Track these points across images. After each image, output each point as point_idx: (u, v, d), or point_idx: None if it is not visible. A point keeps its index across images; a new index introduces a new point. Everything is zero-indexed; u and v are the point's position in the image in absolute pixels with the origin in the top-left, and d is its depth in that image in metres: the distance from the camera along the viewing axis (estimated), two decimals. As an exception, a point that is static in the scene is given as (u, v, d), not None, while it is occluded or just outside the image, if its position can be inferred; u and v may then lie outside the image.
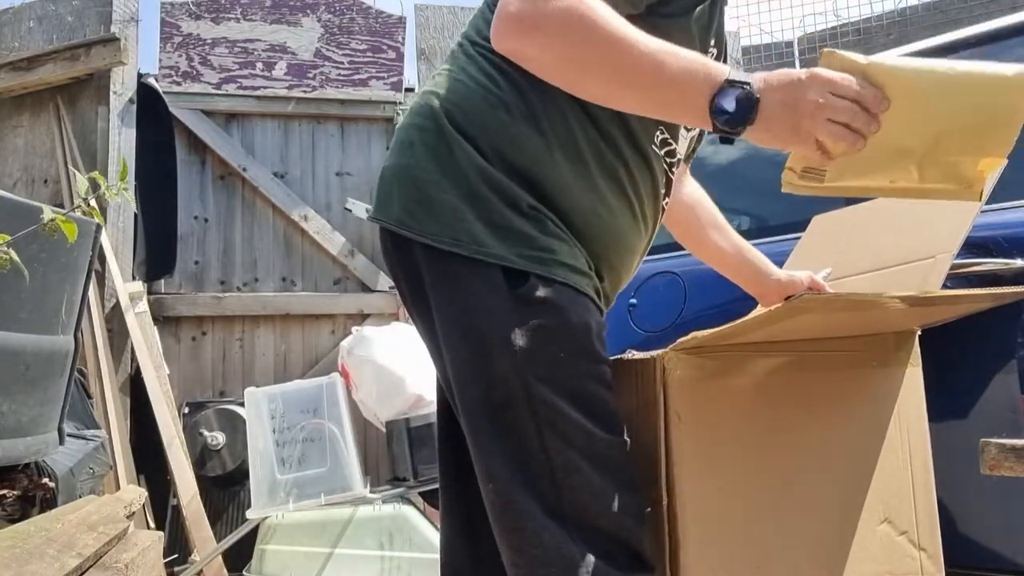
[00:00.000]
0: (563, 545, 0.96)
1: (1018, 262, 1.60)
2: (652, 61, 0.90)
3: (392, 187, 1.09)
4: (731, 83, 0.88)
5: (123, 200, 1.53)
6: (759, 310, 0.92)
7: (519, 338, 0.99)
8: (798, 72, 0.89)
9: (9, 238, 1.39)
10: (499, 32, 0.99)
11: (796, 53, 4.76)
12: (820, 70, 0.88)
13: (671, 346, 1.07)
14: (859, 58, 0.88)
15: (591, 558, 0.96)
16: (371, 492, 2.88)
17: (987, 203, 1.74)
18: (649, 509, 1.08)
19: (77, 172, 2.66)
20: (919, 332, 1.17)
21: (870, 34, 4.55)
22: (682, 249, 2.02)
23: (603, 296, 1.13)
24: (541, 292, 1.00)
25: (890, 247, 1.30)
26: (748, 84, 0.88)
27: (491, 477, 1.02)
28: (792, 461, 1.08)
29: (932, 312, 1.09)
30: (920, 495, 1.13)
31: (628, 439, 1.04)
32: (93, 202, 1.45)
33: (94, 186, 1.41)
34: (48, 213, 1.39)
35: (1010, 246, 1.62)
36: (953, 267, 1.67)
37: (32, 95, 3.90)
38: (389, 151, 1.15)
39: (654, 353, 1.08)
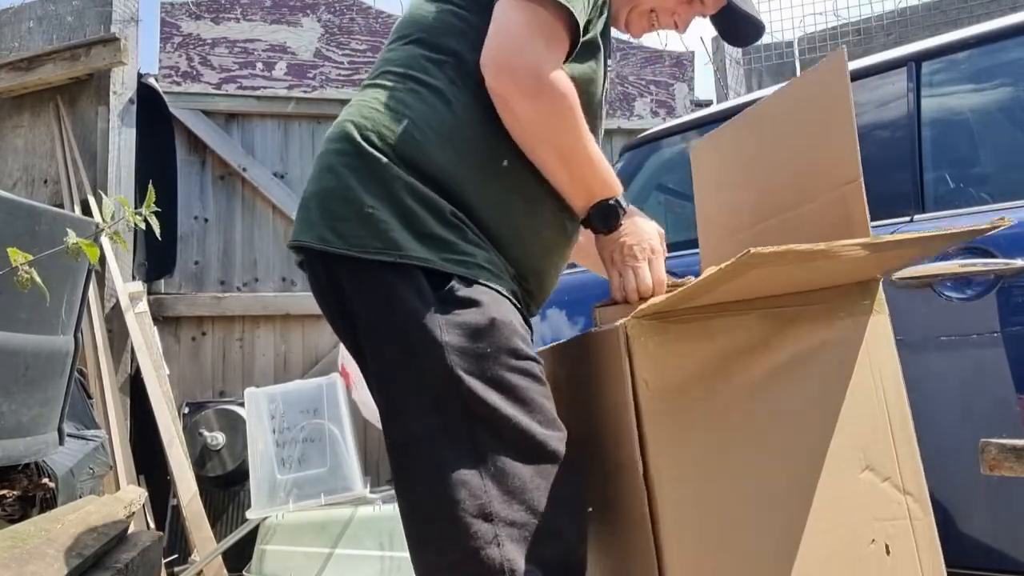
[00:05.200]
0: (486, 548, 0.95)
1: (1018, 261, 1.60)
2: (591, 161, 1.14)
3: (312, 211, 1.10)
4: (618, 200, 1.17)
5: (147, 215, 1.54)
6: (712, 270, 0.92)
7: (445, 335, 1.00)
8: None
9: (31, 257, 1.38)
10: (505, 72, 1.06)
11: (796, 53, 4.76)
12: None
13: (632, 313, 1.06)
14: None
15: (519, 564, 0.95)
16: (371, 492, 2.88)
17: (986, 203, 1.75)
18: (590, 509, 1.08)
19: (103, 195, 2.66)
20: (881, 279, 1.16)
21: (870, 34, 4.55)
22: (682, 249, 2.03)
23: (525, 300, 1.17)
24: (464, 292, 1.03)
25: (785, 182, 1.26)
26: (623, 207, 1.18)
27: (420, 480, 1.02)
28: (766, 418, 1.08)
29: (888, 257, 1.08)
30: (900, 440, 1.12)
31: (566, 432, 1.05)
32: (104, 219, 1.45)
33: (115, 209, 1.41)
34: (72, 237, 1.39)
35: (1010, 246, 1.62)
36: (953, 268, 1.68)
37: (32, 95, 3.90)
38: (309, 179, 1.15)
39: (616, 323, 1.08)
